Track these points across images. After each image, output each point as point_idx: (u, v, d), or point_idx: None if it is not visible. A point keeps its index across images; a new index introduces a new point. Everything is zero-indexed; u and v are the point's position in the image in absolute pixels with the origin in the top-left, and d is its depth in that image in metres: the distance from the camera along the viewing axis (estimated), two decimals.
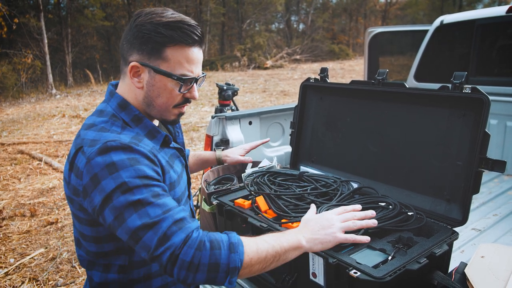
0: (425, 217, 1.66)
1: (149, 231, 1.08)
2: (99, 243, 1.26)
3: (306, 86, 2.41)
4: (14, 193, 5.51)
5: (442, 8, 29.07)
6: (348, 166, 2.22)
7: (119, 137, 1.19)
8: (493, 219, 2.60)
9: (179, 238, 1.08)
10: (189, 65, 1.27)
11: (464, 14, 3.81)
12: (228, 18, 31.42)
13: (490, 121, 3.51)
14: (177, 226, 1.10)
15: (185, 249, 1.07)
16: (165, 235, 1.08)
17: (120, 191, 1.10)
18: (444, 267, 1.55)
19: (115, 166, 1.11)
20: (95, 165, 1.12)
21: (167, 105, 1.31)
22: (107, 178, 1.10)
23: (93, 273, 1.31)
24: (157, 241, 1.07)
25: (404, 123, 1.94)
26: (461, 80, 1.64)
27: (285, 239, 1.22)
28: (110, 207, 1.10)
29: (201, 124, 9.43)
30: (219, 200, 2.00)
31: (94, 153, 1.13)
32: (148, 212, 1.09)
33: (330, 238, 1.27)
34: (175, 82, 1.26)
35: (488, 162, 1.55)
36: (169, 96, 1.29)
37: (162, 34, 1.21)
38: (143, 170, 1.14)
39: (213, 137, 2.73)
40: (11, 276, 3.51)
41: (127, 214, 1.09)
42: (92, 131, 1.21)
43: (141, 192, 1.11)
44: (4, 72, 15.37)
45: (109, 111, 1.29)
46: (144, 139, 1.26)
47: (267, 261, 1.17)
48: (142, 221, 1.08)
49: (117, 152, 1.13)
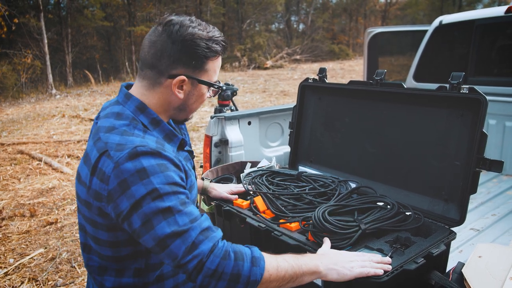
0: (423, 217, 1.66)
1: (177, 239, 1.10)
2: (116, 247, 1.25)
3: (304, 87, 2.41)
4: (14, 193, 5.51)
5: (441, 8, 29.06)
6: (346, 166, 2.23)
7: (146, 142, 1.19)
8: (491, 219, 2.60)
9: (207, 247, 1.11)
10: (218, 73, 1.37)
11: (463, 15, 3.82)
12: (228, 18, 31.43)
13: (488, 121, 3.52)
14: (204, 235, 1.13)
15: (212, 258, 1.11)
16: (193, 244, 1.10)
17: (150, 197, 1.10)
18: (442, 267, 1.56)
19: (146, 172, 1.11)
20: (124, 170, 1.11)
21: (197, 108, 1.40)
22: (137, 184, 1.10)
23: (105, 278, 1.30)
24: (185, 250, 1.10)
25: (402, 123, 1.95)
26: (458, 80, 1.65)
27: (304, 262, 1.25)
28: (139, 213, 1.11)
29: (200, 124, 9.43)
30: (217, 201, 2.01)
31: (124, 158, 1.12)
32: (177, 220, 1.11)
33: (347, 271, 1.28)
34: (210, 89, 1.36)
35: (486, 162, 1.56)
36: (202, 101, 1.38)
37: (211, 50, 1.28)
38: (172, 176, 1.15)
39: (212, 137, 2.73)
40: (10, 276, 3.51)
41: (156, 221, 1.10)
42: (115, 135, 1.20)
43: (170, 200, 1.12)
44: (4, 72, 15.37)
45: (128, 114, 1.27)
46: (165, 144, 1.27)
47: (285, 280, 1.20)
48: (172, 229, 1.10)
49: (146, 157, 1.14)
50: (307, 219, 1.62)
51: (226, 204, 1.94)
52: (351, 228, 1.50)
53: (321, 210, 1.55)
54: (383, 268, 1.31)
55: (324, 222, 1.47)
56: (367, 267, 1.30)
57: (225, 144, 2.73)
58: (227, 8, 30.33)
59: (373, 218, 1.58)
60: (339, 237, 1.47)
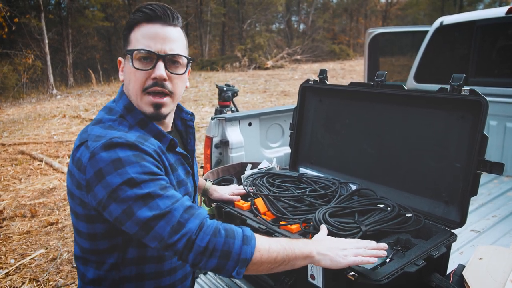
0: (424, 219, 1.66)
1: (160, 221, 1.09)
2: (94, 240, 1.26)
3: (305, 88, 2.41)
4: (15, 194, 5.52)
5: (442, 8, 29.03)
6: (347, 167, 2.23)
7: (125, 135, 1.19)
8: (492, 220, 2.60)
9: (194, 224, 1.11)
10: (145, 40, 1.25)
11: (464, 15, 3.81)
12: (229, 18, 31.42)
13: (489, 122, 3.51)
14: (189, 214, 1.12)
15: (201, 235, 1.10)
16: (178, 222, 1.09)
17: (127, 186, 1.10)
18: (443, 269, 1.56)
19: (121, 162, 1.11)
20: (99, 160, 1.12)
21: (136, 89, 1.28)
22: (112, 174, 1.10)
23: (87, 269, 1.32)
24: (171, 230, 1.09)
25: (403, 125, 1.95)
26: (459, 82, 1.65)
27: (297, 246, 1.23)
28: (118, 201, 1.10)
29: (201, 124, 9.44)
30: (218, 202, 2.01)
31: (99, 148, 1.13)
32: (158, 204, 1.10)
33: (341, 259, 1.25)
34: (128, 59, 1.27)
35: (486, 164, 1.56)
36: (134, 79, 1.26)
37: (129, 20, 1.28)
38: (149, 166, 1.14)
39: (213, 138, 2.73)
40: (11, 277, 3.51)
41: (136, 207, 1.09)
42: (99, 127, 1.22)
43: (149, 186, 1.11)
44: (5, 72, 15.38)
45: (117, 111, 1.29)
46: (150, 139, 1.26)
47: (276, 262, 1.18)
48: (153, 212, 1.09)
49: (122, 148, 1.14)
50: (308, 221, 1.62)
51: (226, 206, 1.94)
52: (352, 230, 1.50)
53: (322, 211, 1.55)
54: (378, 254, 1.30)
55: (324, 224, 1.47)
56: (361, 255, 1.27)
57: (226, 145, 2.73)
58: (228, 8, 30.33)
59: (374, 220, 1.58)
60: None
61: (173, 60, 1.29)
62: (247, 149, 2.83)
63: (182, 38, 1.33)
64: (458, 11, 25.45)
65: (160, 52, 1.25)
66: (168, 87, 1.29)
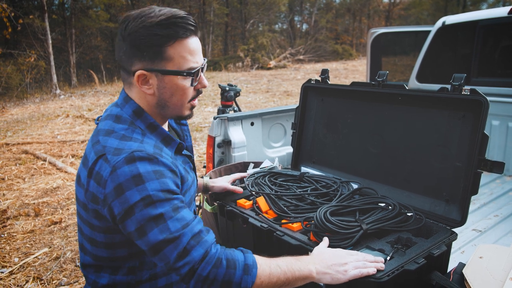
0: (425, 218, 1.67)
1: (169, 245, 1.12)
2: (112, 248, 1.27)
3: (307, 88, 2.42)
4: (19, 193, 5.55)
5: (446, 8, 28.97)
6: (348, 167, 2.24)
7: (143, 146, 1.20)
8: (494, 220, 2.60)
9: (198, 253, 1.13)
10: (192, 57, 1.26)
11: (466, 15, 3.81)
12: (232, 18, 31.46)
13: (492, 122, 3.51)
14: (195, 240, 1.14)
15: (203, 265, 1.13)
16: (184, 249, 1.12)
17: (143, 203, 1.12)
18: (443, 267, 1.57)
19: (141, 178, 1.13)
20: (121, 174, 1.13)
21: (182, 102, 1.32)
22: (132, 189, 1.12)
23: (101, 275, 1.32)
24: (177, 255, 1.12)
25: (404, 124, 1.96)
26: (460, 82, 1.65)
27: (297, 267, 1.26)
28: (132, 219, 1.13)
29: (204, 124, 9.46)
30: (220, 201, 2.02)
31: (121, 163, 1.14)
32: (169, 226, 1.13)
33: (341, 275, 1.28)
34: (185, 77, 1.27)
35: (487, 163, 1.57)
36: (182, 93, 1.29)
37: (159, 35, 1.19)
38: (167, 183, 1.16)
39: (215, 138, 2.75)
40: (15, 275, 3.54)
41: (148, 228, 1.12)
42: (114, 139, 1.21)
43: (163, 206, 1.14)
44: (9, 72, 15.45)
45: (127, 118, 1.29)
46: (164, 148, 1.28)
47: (277, 285, 1.22)
48: (163, 235, 1.12)
49: (143, 162, 1.15)
50: (309, 219, 1.63)
51: (228, 204, 1.95)
52: (353, 228, 1.51)
53: (323, 210, 1.56)
54: (377, 267, 1.31)
55: (326, 222, 1.49)
56: (360, 267, 1.29)
57: (228, 145, 2.74)
58: (231, 8, 30.36)
59: (375, 219, 1.59)
60: (341, 237, 1.48)
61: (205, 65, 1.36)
62: (249, 149, 2.85)
63: None
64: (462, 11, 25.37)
65: (201, 65, 1.30)
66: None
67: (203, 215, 2.41)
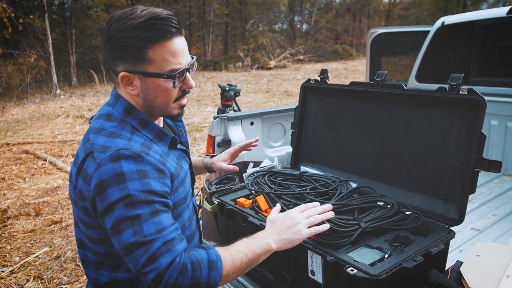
0: (423, 217, 1.68)
1: (140, 249, 1.12)
2: (107, 244, 1.28)
3: (306, 87, 2.44)
4: (19, 193, 5.57)
5: (446, 8, 28.99)
6: (347, 166, 2.25)
7: (130, 144, 1.20)
8: (492, 219, 2.62)
9: (166, 261, 1.12)
10: (175, 59, 1.25)
11: (465, 15, 3.83)
12: (232, 18, 31.48)
13: (491, 122, 3.53)
14: (166, 248, 1.14)
15: (169, 272, 1.12)
16: (154, 255, 1.12)
17: (123, 203, 1.13)
18: (441, 265, 1.58)
19: (124, 177, 1.13)
20: (104, 171, 1.14)
21: (167, 103, 1.32)
22: (113, 187, 1.13)
23: (101, 273, 1.33)
24: (146, 260, 1.12)
25: (403, 124, 1.97)
26: (458, 81, 1.67)
27: (256, 245, 1.29)
28: (111, 216, 1.14)
29: (204, 124, 9.47)
30: (220, 200, 2.03)
31: (106, 160, 1.15)
32: (143, 229, 1.13)
33: (297, 235, 1.35)
34: (167, 80, 1.26)
35: (484, 162, 1.58)
36: (166, 94, 1.29)
37: (138, 38, 1.19)
38: (149, 184, 1.16)
39: (215, 137, 2.76)
40: (16, 274, 3.56)
41: (123, 227, 1.13)
42: (102, 136, 1.23)
43: (142, 208, 1.14)
44: (9, 72, 15.46)
45: (117, 116, 1.30)
46: (153, 145, 1.29)
47: (242, 268, 1.25)
48: (136, 238, 1.12)
49: (127, 161, 1.15)
50: None
51: (228, 203, 1.97)
52: (351, 227, 1.52)
53: None
54: (327, 217, 1.43)
55: (325, 221, 1.49)
56: (313, 223, 1.38)
57: (228, 144, 2.76)
58: (231, 8, 30.38)
59: (373, 217, 1.60)
60: (340, 235, 1.49)
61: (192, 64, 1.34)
62: None
63: None
64: (462, 11, 25.38)
65: (186, 65, 1.29)
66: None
67: (203, 214, 2.43)
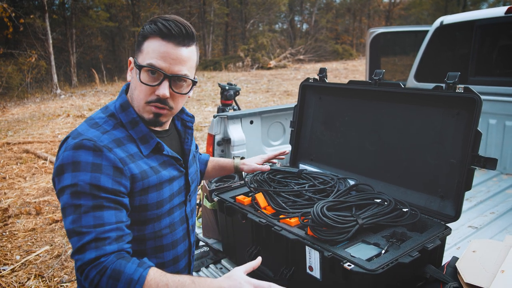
0: (420, 213, 1.70)
1: (75, 237, 1.17)
2: None
3: (305, 86, 2.46)
4: (20, 192, 5.59)
5: (446, 8, 28.98)
6: (346, 164, 2.27)
7: (99, 137, 1.26)
8: (490, 217, 2.64)
9: (90, 256, 1.15)
10: (157, 58, 1.28)
11: (463, 15, 3.85)
12: (232, 18, 31.48)
13: (489, 121, 3.55)
14: (96, 244, 1.16)
15: (89, 268, 1.14)
16: (82, 247, 1.15)
17: (70, 190, 1.19)
18: (437, 261, 1.60)
19: (79, 166, 1.20)
20: (66, 156, 1.22)
21: (139, 99, 1.34)
22: (68, 173, 1.20)
23: None
24: (76, 248, 1.16)
25: (400, 122, 1.99)
26: (454, 80, 1.69)
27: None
28: (63, 198, 1.21)
29: (204, 124, 9.49)
30: (220, 197, 2.05)
31: (70, 146, 1.22)
32: (82, 219, 1.17)
33: None
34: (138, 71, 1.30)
35: (480, 159, 1.60)
36: (139, 89, 1.32)
37: (144, 29, 1.31)
38: (99, 179, 1.20)
39: (215, 136, 2.78)
40: (17, 273, 3.58)
41: (67, 212, 1.19)
42: (85, 124, 1.31)
43: (86, 199, 1.18)
44: (10, 72, 15.49)
45: (111, 110, 1.37)
46: (128, 144, 1.32)
47: None
48: (73, 225, 1.17)
49: (87, 152, 1.21)
50: (307, 214, 1.66)
51: (228, 201, 1.99)
52: (349, 223, 1.54)
53: (320, 205, 1.60)
54: None
55: (322, 217, 1.52)
56: None
57: (228, 143, 2.78)
58: (231, 8, 30.38)
59: (371, 214, 1.62)
60: (337, 231, 1.51)
61: (179, 79, 1.33)
62: (249, 147, 2.88)
63: (193, 58, 1.35)
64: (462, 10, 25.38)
65: (167, 72, 1.29)
66: (169, 104, 1.35)
67: (203, 212, 2.45)
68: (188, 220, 1.55)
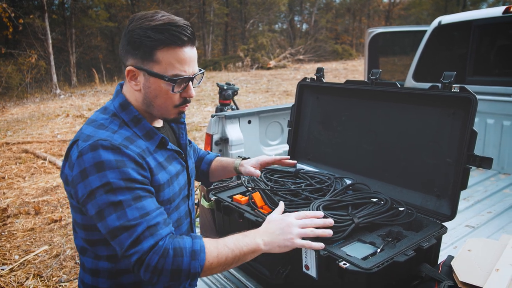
0: (416, 212, 1.71)
1: (124, 233, 1.17)
2: (89, 230, 1.33)
3: (303, 86, 2.46)
4: (19, 192, 5.60)
5: (445, 8, 29.01)
6: (343, 163, 2.28)
7: (112, 136, 1.26)
8: (487, 216, 2.64)
9: (148, 244, 1.17)
10: (181, 66, 1.30)
11: (461, 15, 3.85)
12: (232, 18, 31.51)
13: (487, 121, 3.56)
14: (150, 232, 1.19)
15: (151, 255, 1.17)
16: (137, 238, 1.17)
17: (103, 190, 1.18)
18: (433, 260, 1.61)
19: (103, 165, 1.19)
20: (85, 160, 1.20)
21: (166, 105, 1.37)
22: (94, 175, 1.18)
23: (85, 259, 1.39)
24: (130, 243, 1.17)
25: (397, 121, 1.99)
26: (450, 79, 1.69)
27: (245, 243, 1.31)
28: (93, 203, 1.19)
29: (203, 123, 9.50)
30: (217, 196, 2.06)
31: (86, 149, 1.21)
32: (127, 214, 1.18)
33: (288, 243, 1.35)
34: (167, 83, 1.31)
35: (476, 159, 1.60)
36: (166, 97, 1.34)
37: (151, 38, 1.26)
38: (128, 172, 1.21)
39: (213, 135, 2.79)
40: (15, 272, 3.58)
41: (107, 213, 1.18)
42: (91, 127, 1.30)
43: (123, 194, 1.19)
44: (9, 72, 15.50)
45: (111, 110, 1.37)
46: (138, 140, 1.33)
47: (227, 263, 1.27)
48: (120, 222, 1.17)
49: (106, 151, 1.21)
50: None
51: (225, 200, 1.99)
52: (345, 222, 1.54)
53: (316, 204, 1.60)
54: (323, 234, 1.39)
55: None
56: (308, 234, 1.37)
57: (226, 143, 2.78)
58: (231, 8, 30.40)
59: (367, 213, 1.63)
60: (333, 230, 1.51)
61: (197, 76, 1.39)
62: (247, 146, 2.89)
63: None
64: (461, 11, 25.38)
65: (190, 75, 1.34)
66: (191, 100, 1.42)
67: (200, 211, 2.46)
68: (191, 214, 1.59)
